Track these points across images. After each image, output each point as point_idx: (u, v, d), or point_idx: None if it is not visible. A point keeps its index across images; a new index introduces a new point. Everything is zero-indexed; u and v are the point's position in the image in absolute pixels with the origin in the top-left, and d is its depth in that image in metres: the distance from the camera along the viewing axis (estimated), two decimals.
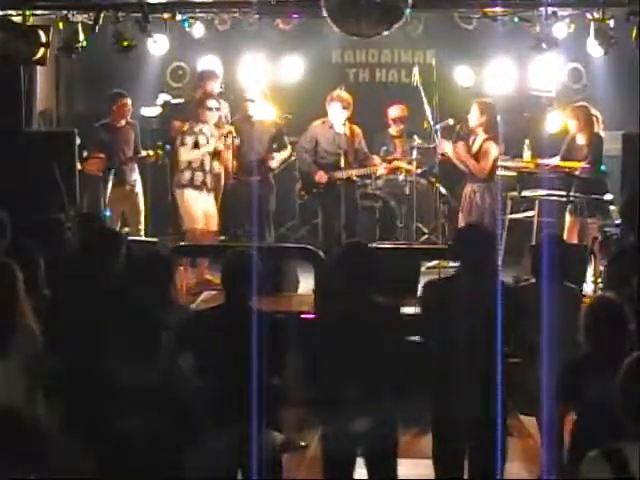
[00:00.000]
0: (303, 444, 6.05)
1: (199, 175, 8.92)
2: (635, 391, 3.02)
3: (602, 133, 8.75)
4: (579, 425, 4.37)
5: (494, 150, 8.74)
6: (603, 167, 8.73)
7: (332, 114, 8.96)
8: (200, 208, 8.96)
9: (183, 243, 8.81)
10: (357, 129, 9.15)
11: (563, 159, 8.74)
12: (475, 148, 8.78)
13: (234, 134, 9.13)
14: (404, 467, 5.12)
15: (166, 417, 4.02)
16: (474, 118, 8.77)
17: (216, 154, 9.00)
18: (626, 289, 4.98)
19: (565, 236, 8.52)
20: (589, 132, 8.64)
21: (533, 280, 5.56)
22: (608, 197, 8.52)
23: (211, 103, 9.00)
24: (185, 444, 4.14)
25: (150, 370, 4.09)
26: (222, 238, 9.48)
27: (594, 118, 8.69)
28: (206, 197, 9.00)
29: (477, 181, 8.76)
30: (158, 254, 5.91)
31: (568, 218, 8.69)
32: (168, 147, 9.27)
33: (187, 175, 8.94)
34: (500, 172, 9.03)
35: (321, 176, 8.99)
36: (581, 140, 8.70)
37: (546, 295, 5.01)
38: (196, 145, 8.89)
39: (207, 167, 8.96)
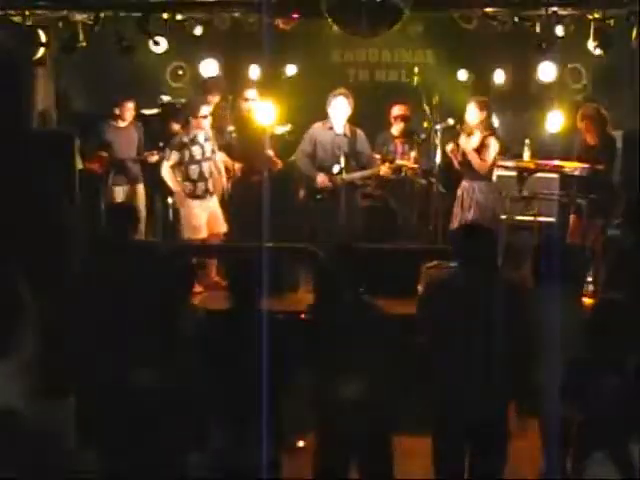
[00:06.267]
0: (302, 444, 6.06)
1: (201, 185, 8.72)
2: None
3: (614, 133, 8.67)
4: (583, 426, 4.37)
5: (495, 145, 8.72)
6: None
7: (334, 110, 8.81)
8: (203, 216, 8.76)
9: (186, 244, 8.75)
10: (359, 131, 8.97)
11: (577, 160, 8.66)
12: (475, 144, 8.76)
13: (234, 134, 9.11)
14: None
15: (174, 416, 4.04)
16: (473, 115, 8.75)
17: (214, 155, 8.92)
18: (626, 289, 4.98)
19: (568, 236, 8.51)
20: (601, 133, 8.56)
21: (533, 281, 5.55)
22: (609, 197, 8.50)
23: (204, 111, 8.76)
24: (192, 443, 4.16)
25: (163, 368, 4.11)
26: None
27: (605, 118, 8.61)
28: (209, 202, 8.82)
29: (477, 178, 8.74)
30: (178, 254, 5.93)
31: (572, 218, 8.67)
32: None
33: (188, 186, 8.73)
34: (500, 172, 9.04)
35: (323, 181, 8.83)
36: (593, 141, 8.61)
37: (547, 296, 5.01)
38: (191, 158, 8.66)
39: (207, 173, 8.78)
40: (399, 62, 11.20)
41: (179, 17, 9.14)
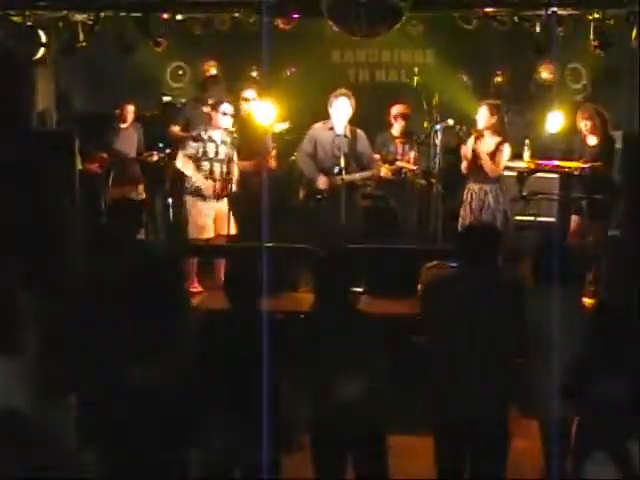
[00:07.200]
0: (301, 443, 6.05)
1: (209, 182, 8.63)
2: None
3: (613, 133, 8.66)
4: (583, 426, 4.38)
5: (508, 151, 8.63)
6: None
7: (335, 110, 8.76)
8: (209, 216, 8.68)
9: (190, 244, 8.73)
10: (359, 131, 8.89)
11: (577, 161, 8.63)
12: (488, 148, 8.64)
13: (234, 134, 9.10)
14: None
15: (174, 416, 4.04)
16: (483, 119, 8.62)
17: (230, 161, 8.85)
18: (627, 289, 4.99)
19: (569, 236, 8.49)
20: (600, 133, 8.53)
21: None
22: (610, 197, 8.49)
23: (225, 108, 8.72)
24: (191, 442, 4.16)
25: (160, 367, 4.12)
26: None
27: (605, 118, 8.58)
28: (214, 203, 8.70)
29: (488, 181, 8.66)
30: (171, 254, 5.93)
31: (573, 218, 8.66)
32: (168, 150, 9.25)
33: (196, 183, 8.65)
34: None
35: (324, 182, 8.74)
36: (592, 141, 8.60)
37: (546, 296, 5.00)
38: (204, 154, 8.60)
39: (217, 174, 8.66)
40: (399, 62, 11.21)
41: (179, 17, 9.14)
